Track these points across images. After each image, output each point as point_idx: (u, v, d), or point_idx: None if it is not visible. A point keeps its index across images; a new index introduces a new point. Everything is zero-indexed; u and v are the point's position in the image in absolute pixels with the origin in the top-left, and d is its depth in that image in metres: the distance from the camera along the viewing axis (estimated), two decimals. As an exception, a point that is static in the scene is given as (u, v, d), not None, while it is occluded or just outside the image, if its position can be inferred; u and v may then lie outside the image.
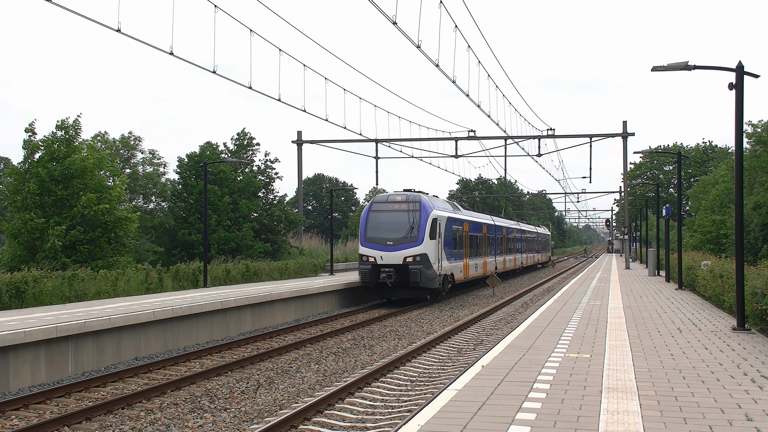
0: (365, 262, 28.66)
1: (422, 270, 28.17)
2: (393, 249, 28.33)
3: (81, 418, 11.17)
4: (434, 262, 28.81)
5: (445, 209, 32.43)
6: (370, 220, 29.35)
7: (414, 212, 28.91)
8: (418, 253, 28.17)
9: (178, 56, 18.32)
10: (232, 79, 24.31)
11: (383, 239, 28.64)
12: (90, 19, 15.48)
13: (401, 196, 29.85)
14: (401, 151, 43.33)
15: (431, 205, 29.78)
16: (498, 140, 41.40)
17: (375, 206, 29.87)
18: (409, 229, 28.56)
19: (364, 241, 29.09)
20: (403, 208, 29.16)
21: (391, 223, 28.87)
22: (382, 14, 17.72)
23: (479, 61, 27.81)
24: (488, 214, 48.70)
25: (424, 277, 28.23)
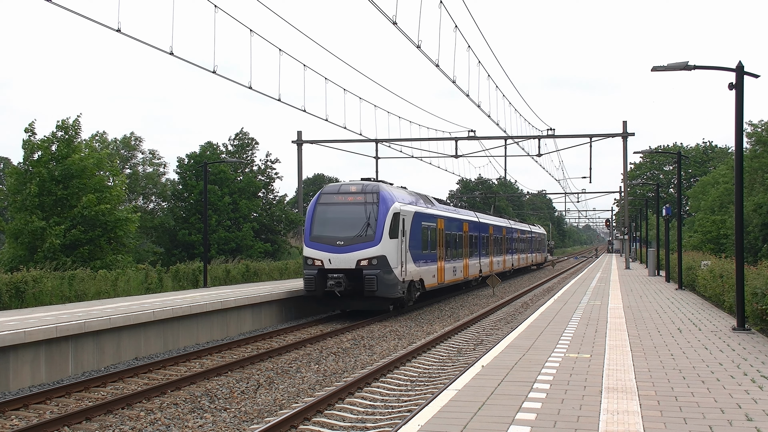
0: (310, 266, 24.15)
1: (379, 275, 23.54)
2: (344, 250, 23.81)
3: (81, 418, 11.17)
4: (396, 266, 24.18)
5: (413, 202, 27.59)
6: (318, 214, 24.81)
7: (371, 205, 24.29)
8: (375, 255, 23.64)
9: (178, 56, 18.33)
10: (232, 79, 24.33)
11: (332, 238, 24.04)
12: (90, 19, 15.49)
13: (356, 185, 25.23)
14: (401, 151, 43.40)
15: (393, 197, 25.14)
16: (498, 140, 41.41)
17: (324, 198, 25.20)
18: (364, 225, 23.94)
19: (309, 240, 24.52)
20: (358, 200, 24.57)
21: (342, 219, 24.40)
22: (382, 14, 17.73)
23: (479, 61, 27.82)
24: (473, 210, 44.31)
25: (381, 283, 23.62)
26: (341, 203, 24.83)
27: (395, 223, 24.40)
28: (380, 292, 23.69)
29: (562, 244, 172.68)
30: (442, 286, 31.05)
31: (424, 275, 27.61)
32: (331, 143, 44.75)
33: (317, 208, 24.96)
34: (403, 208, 25.35)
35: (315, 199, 25.51)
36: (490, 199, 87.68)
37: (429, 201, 31.03)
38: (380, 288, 23.59)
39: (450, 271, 32.13)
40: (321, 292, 24.00)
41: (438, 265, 30.00)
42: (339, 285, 23.48)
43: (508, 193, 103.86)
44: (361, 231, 23.95)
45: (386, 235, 23.89)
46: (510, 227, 52.12)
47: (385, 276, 23.69)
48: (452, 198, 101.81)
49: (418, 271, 26.87)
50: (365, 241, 23.79)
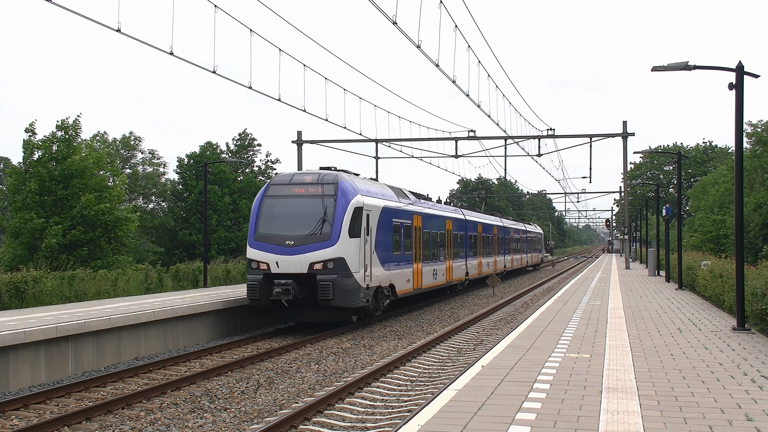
0: (255, 270, 20.55)
1: (337, 281, 19.98)
2: (294, 251, 20.23)
3: (81, 418, 11.17)
4: (357, 269, 20.62)
5: (381, 196, 24.04)
6: (264, 209, 21.23)
7: (327, 198, 20.74)
8: (331, 256, 20.08)
9: (178, 56, 18.31)
10: (232, 79, 24.33)
11: (281, 237, 20.48)
12: (90, 19, 15.47)
13: (311, 175, 21.65)
14: (401, 151, 43.38)
15: (355, 189, 21.51)
16: (498, 140, 41.30)
17: (272, 190, 21.61)
18: (319, 222, 20.41)
19: (253, 239, 20.90)
20: (313, 192, 21.05)
21: (293, 214, 20.83)
22: (382, 14, 17.72)
23: (479, 61, 27.78)
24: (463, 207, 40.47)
25: (339, 290, 20.01)
26: (293, 196, 21.17)
27: (357, 220, 20.83)
28: (337, 301, 20.05)
29: (562, 244, 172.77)
30: (418, 291, 27.44)
31: (395, 280, 24.16)
32: (331, 143, 44.75)
33: (264, 201, 21.36)
34: (367, 202, 21.74)
35: (262, 190, 21.97)
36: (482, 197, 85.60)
37: (403, 195, 27.46)
38: (337, 296, 19.97)
39: (429, 274, 28.80)
40: (267, 301, 20.43)
41: (414, 267, 26.56)
42: (287, 293, 19.86)
43: (508, 193, 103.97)
44: (315, 229, 20.36)
45: (345, 234, 20.33)
46: (502, 226, 48.92)
47: (343, 281, 20.11)
48: (452, 198, 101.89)
49: (388, 276, 23.43)
50: (320, 241, 20.22)
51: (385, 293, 23.59)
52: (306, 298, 20.35)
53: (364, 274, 21.10)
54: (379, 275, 22.54)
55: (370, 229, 21.78)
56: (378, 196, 23.58)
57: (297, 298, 20.11)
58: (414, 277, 26.57)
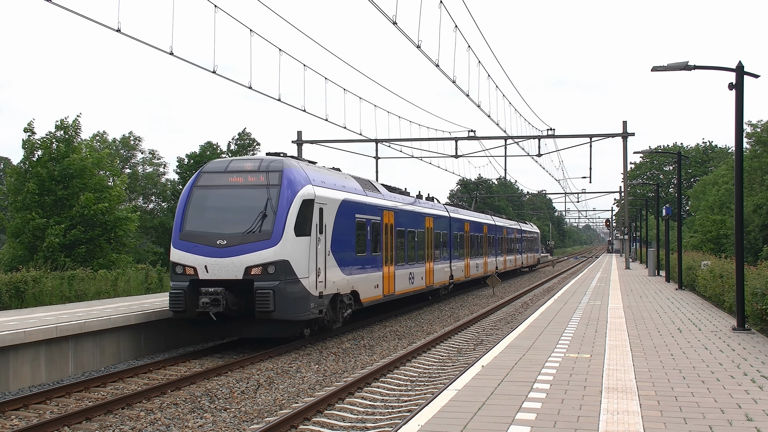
0: (180, 275, 17.13)
1: (278, 288, 16.59)
2: (227, 252, 16.88)
3: (81, 418, 11.17)
4: (305, 274, 17.31)
5: (341, 188, 20.52)
6: (193, 201, 17.93)
7: (270, 189, 17.47)
8: (272, 259, 16.72)
9: (178, 56, 18.30)
10: (232, 79, 24.35)
11: (211, 236, 17.18)
12: (90, 19, 15.46)
13: (252, 162, 18.47)
14: (401, 151, 43.39)
15: (306, 178, 18.21)
16: (498, 140, 41.31)
17: (204, 179, 18.31)
18: (258, 217, 17.15)
19: (178, 238, 17.49)
20: (252, 182, 17.86)
21: (227, 209, 17.75)
22: (382, 14, 17.72)
23: (479, 61, 27.78)
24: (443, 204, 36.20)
25: (282, 300, 16.64)
26: (228, 186, 17.95)
27: (306, 215, 17.56)
28: (280, 313, 16.66)
29: (562, 244, 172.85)
30: (390, 298, 24.11)
31: (359, 286, 20.81)
32: (331, 143, 44.78)
33: (193, 192, 18.03)
34: (321, 194, 18.50)
35: (192, 179, 18.60)
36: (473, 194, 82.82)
37: (372, 188, 24.07)
38: (280, 306, 16.58)
39: (404, 278, 25.59)
40: (194, 313, 16.94)
41: (384, 271, 23.26)
42: (216, 303, 16.51)
43: (508, 194, 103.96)
44: (254, 225, 17.05)
45: (290, 231, 17.02)
46: (493, 224, 45.72)
47: (287, 289, 16.75)
48: (452, 198, 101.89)
49: (349, 281, 20.04)
50: (259, 240, 16.89)
51: (346, 302, 20.13)
52: (242, 310, 17.02)
53: (316, 280, 17.74)
54: (337, 281, 19.18)
55: (324, 226, 18.42)
56: (337, 187, 20.15)
57: (230, 309, 16.74)
58: (384, 281, 23.28)
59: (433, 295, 31.16)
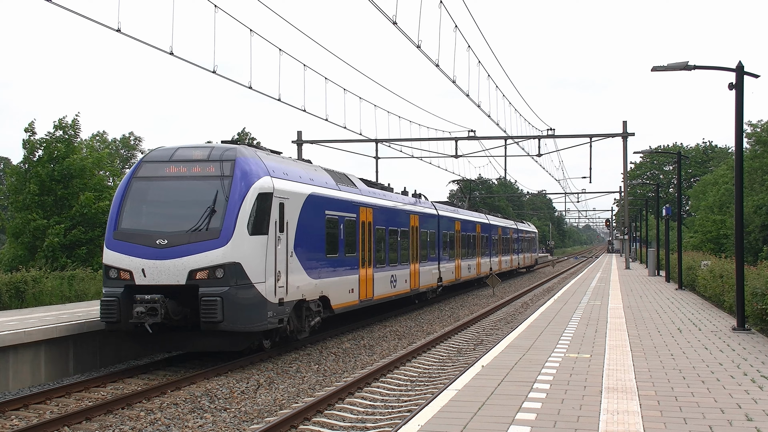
0: (113, 279, 14.97)
1: (228, 295, 14.47)
2: (168, 254, 14.73)
3: (81, 418, 11.17)
4: (261, 278, 15.18)
5: (308, 181, 18.44)
6: (131, 195, 15.73)
7: (221, 181, 15.35)
8: (221, 261, 14.61)
9: (178, 56, 18.30)
10: (232, 79, 24.34)
11: (150, 234, 15.04)
12: (90, 19, 15.46)
13: (201, 150, 16.13)
14: (401, 151, 43.39)
15: (262, 168, 16.02)
16: (498, 140, 41.31)
17: (145, 169, 16.08)
18: (206, 213, 15.00)
19: (112, 237, 15.28)
20: (200, 173, 15.62)
21: (169, 203, 15.66)
22: (382, 14, 17.72)
23: (479, 61, 27.79)
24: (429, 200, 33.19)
25: (232, 308, 14.48)
26: (172, 177, 15.79)
27: (263, 210, 15.49)
28: (230, 323, 14.46)
29: (562, 245, 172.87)
30: (367, 304, 21.96)
31: (330, 290, 18.82)
32: (331, 143, 44.81)
33: (132, 184, 15.82)
34: (282, 187, 16.37)
35: (132, 170, 16.43)
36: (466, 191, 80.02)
37: (348, 182, 21.73)
38: (230, 316, 14.40)
39: (384, 281, 23.50)
40: (128, 325, 14.70)
41: (361, 274, 21.22)
42: (153, 313, 14.33)
43: (508, 194, 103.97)
44: (200, 223, 14.93)
45: (242, 229, 14.91)
46: (487, 223, 43.61)
47: (238, 295, 14.63)
48: (452, 198, 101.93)
49: (317, 285, 17.97)
50: (205, 239, 14.76)
51: (313, 309, 17.99)
52: (187, 320, 14.90)
53: (275, 285, 15.60)
54: (302, 285, 17.06)
55: (286, 224, 16.33)
56: (303, 180, 18.04)
57: (171, 319, 14.61)
58: (361, 285, 21.14)
59: (419, 298, 29.14)
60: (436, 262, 30.55)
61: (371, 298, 22.09)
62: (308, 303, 17.66)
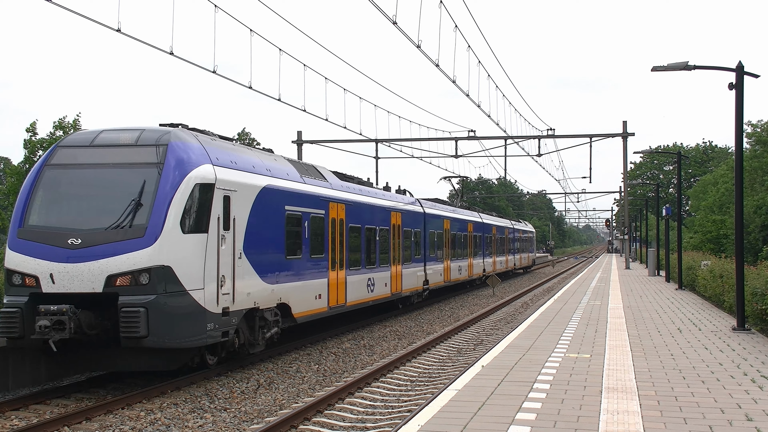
0: (16, 286, 12.71)
1: (155, 305, 12.28)
2: (81, 256, 12.47)
3: (81, 418, 11.17)
4: (199, 284, 12.94)
5: (265, 171, 16.02)
6: (41, 186, 13.40)
7: (150, 169, 13.06)
8: (146, 264, 12.39)
9: (178, 56, 18.29)
10: (232, 79, 24.32)
11: (61, 233, 12.74)
12: (90, 19, 15.45)
13: (128, 134, 13.77)
14: (401, 151, 43.39)
15: (202, 155, 13.65)
16: (498, 140, 41.29)
17: (60, 156, 13.73)
18: (130, 207, 12.76)
19: (16, 236, 12.98)
20: (125, 160, 13.36)
21: (87, 196, 13.34)
22: (382, 14, 17.72)
23: (479, 61, 27.80)
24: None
25: (160, 321, 12.30)
26: (92, 166, 13.50)
27: (201, 204, 13.19)
28: (156, 339, 12.25)
29: (562, 244, 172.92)
30: (339, 310, 19.67)
31: (291, 296, 16.55)
32: (331, 143, 44.83)
33: (43, 173, 13.45)
34: (228, 178, 13.97)
35: (44, 157, 13.96)
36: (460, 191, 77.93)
37: (316, 175, 19.39)
38: (157, 330, 12.20)
39: (360, 285, 21.29)
40: (29, 341, 12.38)
41: (331, 277, 18.96)
42: (60, 327, 11.99)
43: (508, 194, 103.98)
44: (122, 219, 12.66)
45: (173, 226, 12.63)
46: (480, 222, 41.33)
47: (168, 305, 12.41)
48: (453, 198, 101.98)
49: (274, 291, 15.74)
50: (128, 238, 12.46)
51: (269, 318, 15.59)
52: (107, 334, 12.55)
53: (217, 292, 13.39)
54: (255, 291, 14.84)
55: (234, 220, 14.04)
56: (258, 171, 15.63)
57: (85, 334, 12.33)
58: (331, 290, 18.97)
59: (403, 303, 26.78)
60: (422, 264, 28.52)
61: (343, 304, 19.91)
62: (263, 312, 15.29)
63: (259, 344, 15.44)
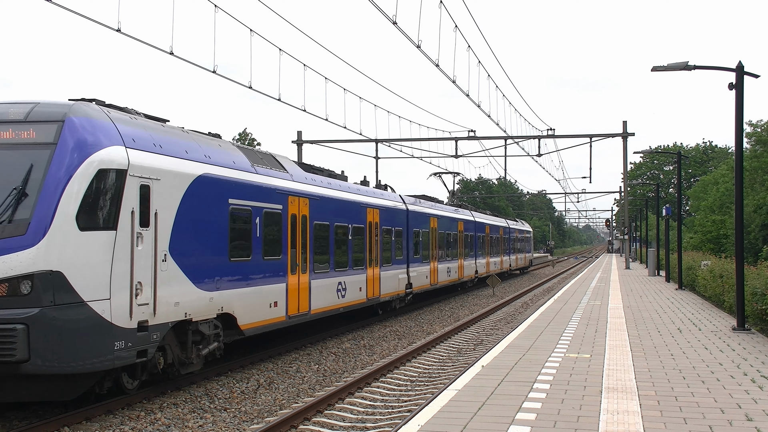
0: None
1: (38, 320, 9.97)
2: None
3: (81, 418, 11.16)
4: (103, 293, 10.74)
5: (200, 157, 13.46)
6: None
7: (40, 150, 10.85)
8: (28, 270, 10.06)
9: (178, 56, 18.29)
10: (232, 79, 24.33)
11: None
12: (90, 19, 15.45)
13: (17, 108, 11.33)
14: (401, 151, 43.41)
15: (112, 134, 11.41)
16: (498, 140, 41.34)
17: None
18: (11, 198, 10.50)
19: None
20: (11, 139, 11.05)
21: None
22: (382, 14, 17.72)
23: (479, 61, 27.81)
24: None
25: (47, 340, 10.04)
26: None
27: (108, 194, 11.03)
28: (42, 363, 10.07)
29: (562, 244, 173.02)
30: (301, 319, 17.26)
31: (237, 305, 14.12)
32: (331, 143, 44.84)
33: None
34: (145, 163, 11.64)
35: None
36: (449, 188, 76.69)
37: (272, 164, 16.89)
38: (42, 352, 10.01)
39: (328, 290, 18.94)
40: None
41: (290, 282, 16.59)
42: None
43: (508, 194, 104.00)
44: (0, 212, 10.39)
45: (65, 221, 10.44)
46: (472, 221, 39.09)
47: (58, 320, 10.16)
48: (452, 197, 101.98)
49: (214, 300, 13.37)
50: (4, 237, 10.23)
51: (206, 331, 13.22)
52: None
53: (131, 302, 11.17)
54: (186, 300, 12.48)
55: (155, 215, 11.70)
56: (192, 157, 13.10)
57: None
58: (290, 297, 16.58)
59: (383, 308, 24.63)
60: (404, 266, 26.12)
61: (306, 312, 17.49)
62: (197, 324, 12.97)
63: (194, 363, 13.09)
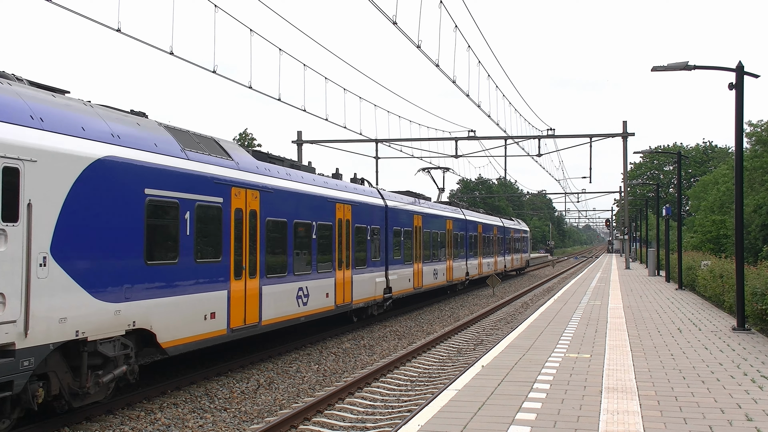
0: None
1: None
2: None
3: (81, 418, 11.16)
4: None
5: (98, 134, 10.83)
6: None
7: None
8: None
9: (178, 56, 18.27)
10: (232, 79, 24.32)
11: None
12: (90, 19, 15.43)
13: None
14: (401, 151, 43.37)
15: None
16: (498, 140, 41.28)
17: None
18: None
19: None
20: None
21: None
22: (382, 14, 17.71)
23: (479, 61, 27.79)
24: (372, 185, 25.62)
25: None
26: None
27: None
28: None
29: (562, 244, 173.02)
30: (249, 332, 14.86)
31: (156, 319, 11.76)
32: (331, 143, 44.80)
33: None
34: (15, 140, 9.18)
35: None
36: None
37: (213, 149, 14.28)
38: None
39: (285, 297, 16.51)
40: None
41: (233, 289, 14.14)
42: None
43: (508, 194, 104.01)
44: None
45: None
46: (464, 219, 36.69)
47: None
48: (452, 197, 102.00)
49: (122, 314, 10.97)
50: None
51: (110, 353, 10.81)
52: None
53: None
54: (78, 315, 10.09)
55: (28, 207, 9.25)
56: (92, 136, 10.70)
57: None
58: (233, 307, 14.10)
59: (357, 315, 21.95)
60: (383, 268, 23.53)
61: (256, 324, 14.99)
62: (96, 345, 10.53)
63: (90, 393, 10.57)
